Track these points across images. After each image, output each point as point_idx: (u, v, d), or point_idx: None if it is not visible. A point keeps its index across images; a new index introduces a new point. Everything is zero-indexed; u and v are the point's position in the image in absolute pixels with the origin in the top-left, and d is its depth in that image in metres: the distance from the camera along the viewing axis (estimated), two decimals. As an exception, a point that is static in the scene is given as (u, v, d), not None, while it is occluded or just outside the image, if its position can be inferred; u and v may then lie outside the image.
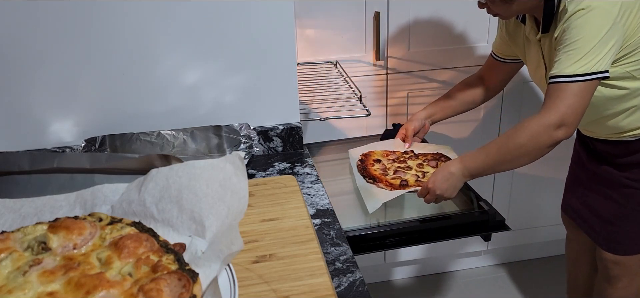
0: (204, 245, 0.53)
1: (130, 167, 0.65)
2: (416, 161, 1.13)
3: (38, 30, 0.85)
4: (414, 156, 1.15)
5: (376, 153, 1.16)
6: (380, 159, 1.13)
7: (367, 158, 1.14)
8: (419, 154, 1.16)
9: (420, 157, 1.15)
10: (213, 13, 0.90)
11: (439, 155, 1.16)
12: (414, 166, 1.10)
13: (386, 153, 1.17)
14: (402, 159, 1.14)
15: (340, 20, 1.53)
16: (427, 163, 1.12)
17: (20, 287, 0.45)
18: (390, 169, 1.08)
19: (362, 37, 1.57)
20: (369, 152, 1.18)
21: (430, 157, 1.15)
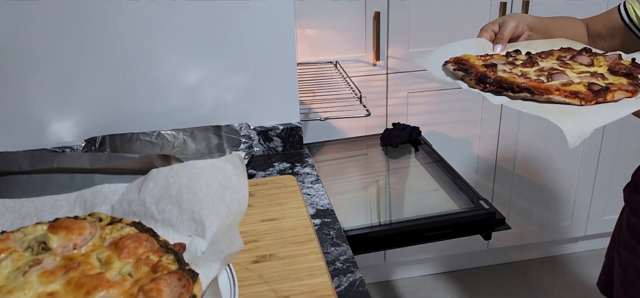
0: (204, 245, 0.53)
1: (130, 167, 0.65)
2: (546, 61, 0.80)
3: (38, 30, 0.85)
4: (534, 56, 0.81)
5: (469, 57, 0.80)
6: (494, 64, 0.76)
7: (467, 64, 0.77)
8: (535, 54, 0.82)
9: (542, 57, 0.81)
10: (213, 13, 0.90)
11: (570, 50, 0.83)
12: (556, 65, 0.77)
13: (483, 58, 0.81)
14: (515, 61, 0.80)
15: (340, 20, 1.53)
16: (575, 60, 0.78)
17: (20, 287, 0.45)
18: (527, 74, 0.73)
19: (362, 37, 1.57)
20: (459, 57, 0.81)
21: (561, 54, 0.82)
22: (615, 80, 0.70)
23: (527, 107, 0.64)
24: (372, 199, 1.10)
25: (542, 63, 0.79)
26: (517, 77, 0.72)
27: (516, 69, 0.76)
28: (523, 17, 0.91)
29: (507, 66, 0.77)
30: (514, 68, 0.76)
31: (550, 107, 0.64)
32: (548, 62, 0.80)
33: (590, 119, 0.60)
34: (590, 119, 0.60)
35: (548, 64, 0.79)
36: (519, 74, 0.73)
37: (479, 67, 0.76)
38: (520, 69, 0.76)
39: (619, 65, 0.74)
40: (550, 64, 0.78)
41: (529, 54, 0.83)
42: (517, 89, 0.67)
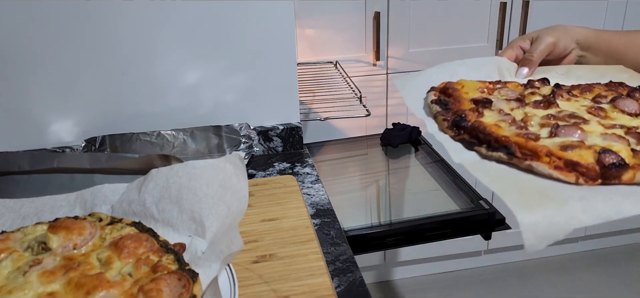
0: (204, 245, 0.53)
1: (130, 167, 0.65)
2: (574, 101, 0.59)
3: (38, 30, 0.85)
4: (561, 90, 0.61)
5: (466, 84, 0.63)
6: (486, 100, 0.59)
7: (454, 96, 0.60)
8: (562, 88, 0.62)
9: (572, 93, 0.61)
10: (213, 13, 0.90)
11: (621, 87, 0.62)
12: (581, 111, 0.56)
13: (486, 86, 0.63)
14: (527, 97, 0.61)
15: (340, 20, 1.53)
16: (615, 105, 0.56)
17: (20, 287, 0.45)
18: (529, 120, 0.54)
19: (362, 37, 1.57)
20: (452, 82, 0.63)
21: (603, 91, 0.60)
22: None
23: (489, 176, 0.45)
24: (372, 199, 1.10)
25: (566, 104, 0.58)
26: (505, 126, 0.52)
27: (519, 111, 0.56)
28: (568, 31, 0.69)
29: (511, 104, 0.57)
30: (520, 107, 0.57)
31: (521, 180, 0.44)
32: (576, 102, 0.58)
33: (572, 213, 0.39)
34: (572, 212, 0.39)
35: (573, 106, 0.57)
36: (519, 119, 0.54)
37: (465, 102, 0.58)
38: (525, 111, 0.56)
39: None
40: (576, 107, 0.57)
41: (557, 86, 0.62)
42: (494, 143, 0.49)
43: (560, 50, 0.69)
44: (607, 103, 0.58)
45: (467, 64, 0.68)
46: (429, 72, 0.67)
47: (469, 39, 1.63)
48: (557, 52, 0.69)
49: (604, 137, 0.50)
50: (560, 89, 0.62)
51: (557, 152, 0.46)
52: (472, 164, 0.48)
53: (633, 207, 0.40)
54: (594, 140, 0.49)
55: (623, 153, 0.46)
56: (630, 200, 0.41)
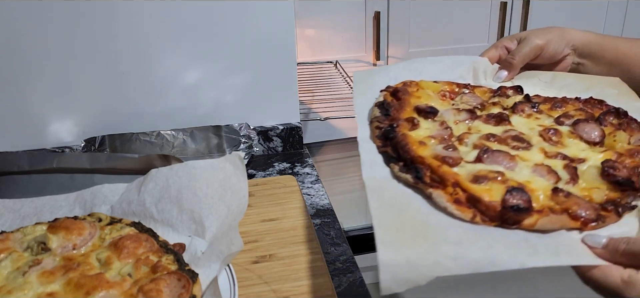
0: (204, 245, 0.53)
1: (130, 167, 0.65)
2: (535, 118, 0.54)
3: (37, 30, 0.85)
4: (525, 103, 0.56)
5: (425, 86, 0.58)
6: (430, 108, 0.53)
7: (403, 100, 0.54)
8: (533, 100, 0.57)
9: (539, 108, 0.55)
10: (213, 13, 0.90)
11: (600, 105, 0.56)
12: (534, 132, 0.51)
13: (449, 90, 0.59)
14: (486, 108, 0.56)
15: (340, 20, 1.53)
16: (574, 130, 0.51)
17: (20, 288, 0.45)
18: (465, 139, 0.50)
19: (362, 37, 1.57)
20: (409, 82, 0.58)
21: (574, 109, 0.54)
22: (588, 186, 0.43)
23: (381, 201, 0.41)
24: (372, 199, 1.10)
25: (522, 121, 0.53)
26: (431, 143, 0.48)
27: (463, 125, 0.52)
28: (564, 34, 0.62)
29: (461, 115, 0.53)
30: (468, 120, 0.53)
31: (412, 212, 0.40)
32: (536, 120, 0.53)
33: (440, 259, 0.35)
34: (441, 257, 0.35)
35: (528, 125, 0.52)
36: (458, 134, 0.50)
37: (408, 108, 0.53)
38: (470, 126, 0.52)
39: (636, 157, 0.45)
40: (530, 127, 0.52)
41: (527, 97, 0.57)
42: (409, 163, 0.45)
43: (550, 54, 0.62)
44: (569, 125, 0.52)
45: (441, 62, 0.63)
46: (393, 69, 0.61)
47: (469, 38, 1.63)
48: (547, 56, 0.62)
49: (534, 170, 0.45)
50: (529, 101, 0.56)
51: (463, 183, 0.41)
52: (376, 183, 0.43)
53: (510, 260, 0.36)
54: (521, 172, 0.44)
55: (538, 193, 0.41)
56: (511, 251, 0.37)
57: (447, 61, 0.63)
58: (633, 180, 0.43)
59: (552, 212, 0.40)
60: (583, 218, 0.40)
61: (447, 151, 0.47)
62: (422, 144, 0.48)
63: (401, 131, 0.49)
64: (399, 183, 0.44)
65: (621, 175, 0.43)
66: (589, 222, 0.40)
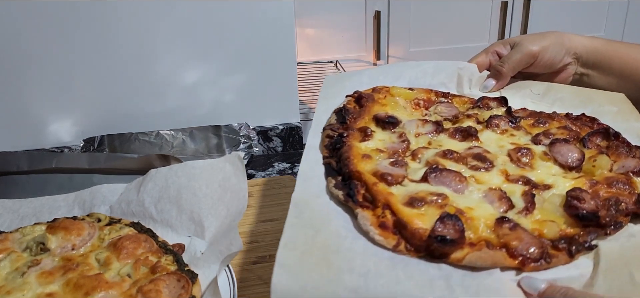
0: (203, 245, 0.52)
1: (129, 167, 0.65)
2: (510, 134, 0.49)
3: (36, 30, 0.85)
4: (502, 118, 0.51)
5: (396, 93, 0.54)
6: (390, 118, 0.50)
7: (365, 107, 0.51)
8: (515, 114, 0.52)
9: (518, 124, 0.50)
10: (212, 12, 0.90)
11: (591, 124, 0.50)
12: (502, 151, 0.47)
13: (425, 98, 0.55)
14: (460, 121, 0.51)
15: (341, 19, 1.53)
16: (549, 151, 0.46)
17: (19, 288, 0.45)
18: (419, 155, 0.46)
19: (362, 36, 1.57)
20: (379, 88, 0.55)
21: (558, 127, 0.49)
22: (543, 219, 0.37)
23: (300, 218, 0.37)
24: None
25: (493, 138, 0.48)
26: (377, 157, 0.44)
27: (423, 138, 0.48)
28: (564, 40, 0.55)
29: (425, 127, 0.49)
30: (432, 133, 0.49)
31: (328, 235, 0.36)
32: (511, 137, 0.49)
33: (338, 292, 0.32)
34: (338, 291, 0.32)
35: (498, 143, 0.48)
36: (414, 148, 0.47)
37: (366, 117, 0.49)
38: (431, 140, 0.48)
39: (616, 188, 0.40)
40: (499, 145, 0.47)
41: (509, 111, 0.52)
42: (347, 178, 0.41)
43: (547, 63, 0.56)
44: (546, 145, 0.47)
45: (421, 67, 0.58)
46: (368, 73, 0.58)
47: (469, 38, 1.63)
48: (543, 64, 0.56)
49: (485, 195, 0.40)
50: (511, 115, 0.52)
51: (394, 205, 0.37)
52: (303, 197, 0.39)
53: (411, 293, 0.32)
54: (469, 197, 0.39)
55: (479, 222, 0.36)
56: (421, 290, 0.32)
57: (429, 66, 0.59)
58: (599, 214, 0.36)
59: (487, 246, 0.34)
60: (522, 257, 0.34)
61: (392, 167, 0.42)
62: (367, 157, 0.43)
63: (349, 142, 0.45)
64: (331, 200, 0.39)
65: (585, 209, 0.36)
66: (529, 261, 0.34)
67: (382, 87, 0.55)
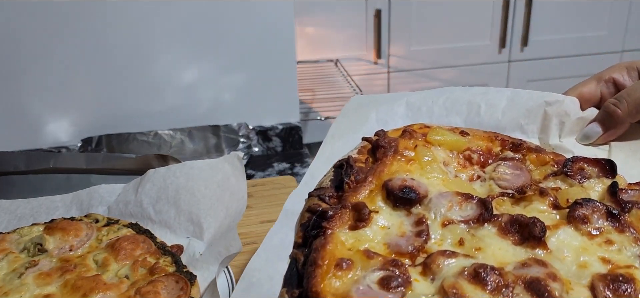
0: (202, 246, 0.52)
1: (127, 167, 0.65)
2: (604, 241, 0.29)
3: (34, 30, 0.85)
4: (596, 206, 0.31)
5: (434, 140, 0.38)
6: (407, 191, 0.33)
7: (382, 162, 0.36)
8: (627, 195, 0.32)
9: (627, 223, 0.30)
10: (211, 10, 0.89)
11: None
12: (584, 273, 0.27)
13: (483, 149, 0.38)
14: (532, 199, 0.33)
15: (341, 18, 1.53)
16: None
17: (17, 289, 0.44)
18: (444, 264, 0.28)
19: (362, 35, 1.56)
20: (412, 129, 0.39)
21: None
22: None
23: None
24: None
25: (576, 244, 0.29)
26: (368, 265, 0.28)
27: (455, 230, 0.31)
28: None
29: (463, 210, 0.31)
30: (471, 225, 0.31)
31: None
32: (603, 249, 0.29)
33: None
34: None
35: (588, 253, 0.29)
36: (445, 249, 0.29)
37: (376, 181, 0.33)
38: (469, 234, 0.30)
39: None
40: (583, 261, 0.28)
41: (613, 189, 0.33)
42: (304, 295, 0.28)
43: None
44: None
45: (489, 96, 0.40)
46: (407, 99, 0.41)
47: (471, 37, 1.62)
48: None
49: None
50: (615, 198, 0.32)
51: None
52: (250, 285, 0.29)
53: None
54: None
55: None
56: None
57: (502, 96, 0.40)
58: None
59: None
60: None
61: (378, 291, 0.26)
62: (345, 266, 0.28)
63: (330, 228, 0.30)
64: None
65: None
66: None
67: (418, 128, 0.38)
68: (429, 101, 0.41)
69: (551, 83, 1.73)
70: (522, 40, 1.64)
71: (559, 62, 1.70)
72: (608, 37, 1.69)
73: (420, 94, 0.41)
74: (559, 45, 1.68)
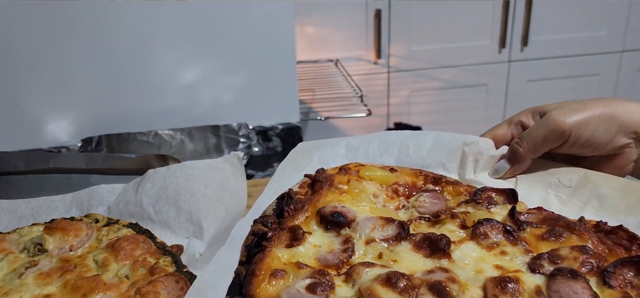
0: (202, 246, 0.52)
1: (127, 167, 0.65)
2: (499, 252, 0.35)
3: (34, 30, 0.85)
4: (495, 225, 0.37)
5: (366, 175, 0.43)
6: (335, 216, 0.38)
7: (318, 194, 0.41)
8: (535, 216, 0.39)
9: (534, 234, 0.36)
10: (211, 10, 0.89)
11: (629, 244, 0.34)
12: (478, 279, 0.33)
13: (409, 183, 0.43)
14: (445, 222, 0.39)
15: (341, 18, 1.52)
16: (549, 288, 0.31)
17: (17, 289, 0.44)
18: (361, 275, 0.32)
19: (363, 35, 1.56)
20: (347, 167, 0.44)
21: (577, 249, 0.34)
22: None
23: None
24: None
25: (475, 255, 0.35)
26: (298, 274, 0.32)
27: (374, 247, 0.35)
28: (614, 115, 0.40)
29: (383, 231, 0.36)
30: (390, 243, 0.36)
31: None
32: (498, 258, 0.34)
33: None
34: None
35: (485, 263, 0.34)
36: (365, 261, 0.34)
37: (312, 210, 0.37)
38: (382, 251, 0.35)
39: None
40: (480, 268, 0.33)
41: (512, 213, 0.38)
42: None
43: (588, 143, 0.40)
44: (545, 274, 0.33)
45: (417, 139, 0.46)
46: (347, 143, 0.47)
47: (471, 36, 1.62)
48: (583, 145, 0.41)
49: None
50: (513, 219, 0.38)
51: None
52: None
53: None
54: None
55: None
56: None
57: (427, 138, 0.46)
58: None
59: None
60: None
61: (305, 294, 0.31)
62: (278, 275, 0.32)
63: (269, 246, 0.35)
64: None
65: None
66: None
67: (353, 166, 0.43)
68: (366, 143, 0.47)
69: (551, 83, 1.73)
70: (522, 40, 1.64)
71: (558, 61, 1.70)
72: (608, 36, 1.69)
73: (358, 137, 0.48)
74: (559, 45, 1.67)
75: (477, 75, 1.67)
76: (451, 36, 1.60)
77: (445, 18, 1.58)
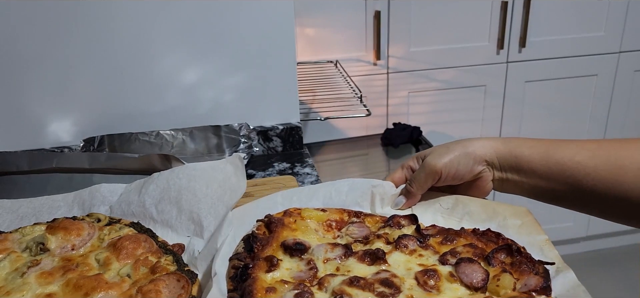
0: (203, 245, 0.52)
1: (129, 167, 0.65)
2: (418, 255, 0.49)
3: (36, 30, 0.85)
4: (409, 238, 0.50)
5: (307, 216, 0.55)
6: (297, 245, 0.49)
7: (275, 232, 0.51)
8: (425, 231, 0.53)
9: (426, 243, 0.50)
10: (212, 11, 0.89)
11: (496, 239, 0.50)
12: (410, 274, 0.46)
13: (337, 219, 0.55)
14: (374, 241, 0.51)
15: (341, 19, 1.53)
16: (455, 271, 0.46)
17: (19, 289, 0.45)
18: (325, 284, 0.44)
19: (362, 36, 1.56)
20: (290, 210, 0.55)
21: (464, 245, 0.49)
22: None
23: None
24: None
25: (402, 259, 0.48)
26: (283, 289, 0.43)
27: (331, 264, 0.47)
28: (467, 151, 0.54)
29: (334, 252, 0.49)
30: (341, 258, 0.48)
31: None
32: (419, 258, 0.49)
33: None
34: None
35: (406, 265, 0.47)
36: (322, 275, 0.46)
37: (275, 245, 0.49)
38: (339, 265, 0.47)
39: None
40: (407, 267, 0.47)
41: (418, 229, 0.52)
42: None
43: (456, 176, 0.55)
44: (452, 264, 0.47)
45: (335, 186, 0.58)
46: (281, 195, 0.58)
47: (470, 38, 1.63)
48: (452, 178, 0.55)
49: None
50: (420, 233, 0.51)
51: None
52: None
53: None
54: None
55: None
56: None
57: (343, 185, 0.58)
58: None
59: None
60: None
61: None
62: (271, 291, 0.43)
63: (254, 273, 0.44)
64: None
65: None
66: None
67: (294, 210, 0.55)
68: (297, 193, 0.59)
69: (549, 83, 1.74)
70: (520, 41, 1.64)
71: (557, 62, 1.71)
72: (606, 37, 1.70)
73: (290, 190, 0.59)
74: (557, 46, 1.68)
75: (475, 75, 1.68)
76: (450, 37, 1.61)
77: (444, 20, 1.59)
